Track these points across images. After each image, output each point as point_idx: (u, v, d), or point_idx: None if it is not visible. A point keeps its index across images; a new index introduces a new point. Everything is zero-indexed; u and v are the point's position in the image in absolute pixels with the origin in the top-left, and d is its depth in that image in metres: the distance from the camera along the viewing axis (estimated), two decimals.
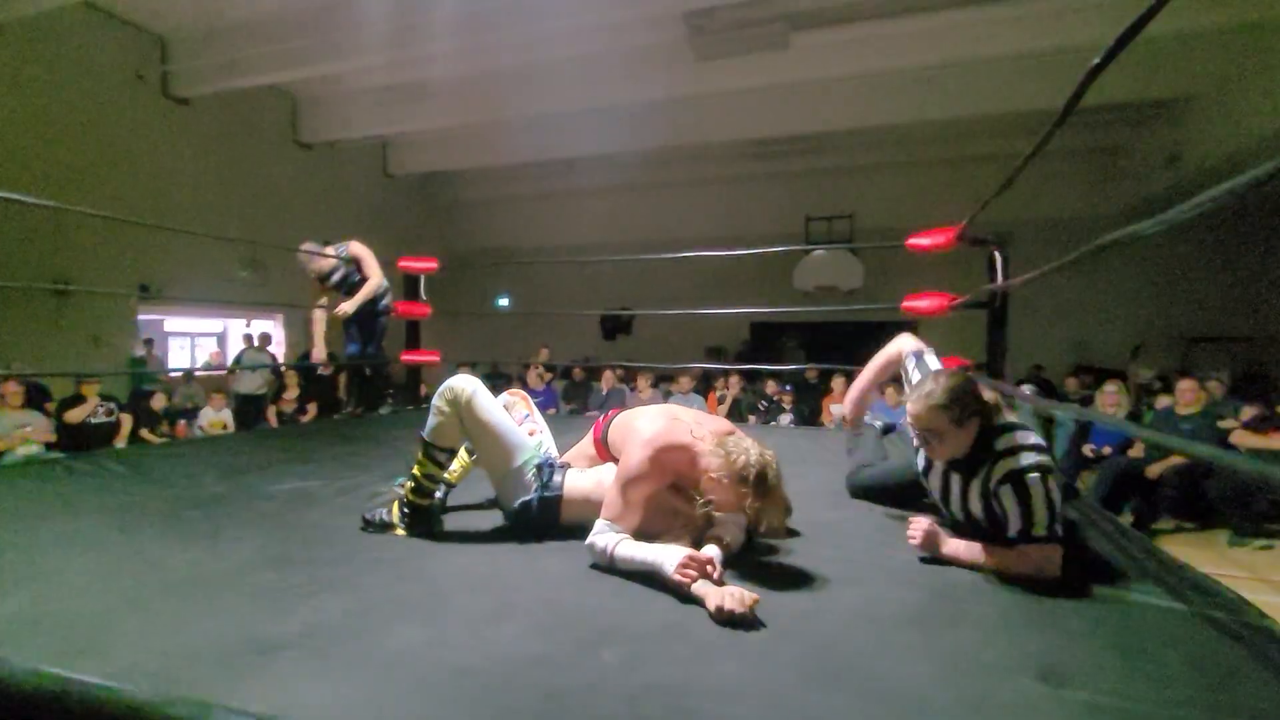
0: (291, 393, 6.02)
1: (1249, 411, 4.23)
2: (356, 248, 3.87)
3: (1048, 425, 4.99)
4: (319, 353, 3.95)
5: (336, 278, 3.93)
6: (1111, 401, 4.93)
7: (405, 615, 1.24)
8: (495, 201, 12.04)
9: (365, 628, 1.19)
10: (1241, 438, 4.08)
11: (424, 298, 4.45)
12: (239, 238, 7.19)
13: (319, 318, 3.94)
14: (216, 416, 5.82)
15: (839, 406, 5.84)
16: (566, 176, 10.80)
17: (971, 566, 1.48)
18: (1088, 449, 4.78)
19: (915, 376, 1.82)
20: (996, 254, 3.26)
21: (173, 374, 7.06)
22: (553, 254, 11.42)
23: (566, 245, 11.45)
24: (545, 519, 1.69)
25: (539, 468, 1.73)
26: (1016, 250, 3.26)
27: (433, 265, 4.17)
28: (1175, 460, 4.12)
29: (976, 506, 1.55)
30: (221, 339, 8.78)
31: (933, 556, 1.52)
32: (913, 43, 6.04)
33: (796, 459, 2.53)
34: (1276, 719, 0.91)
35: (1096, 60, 1.18)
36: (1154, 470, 4.16)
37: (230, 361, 7.41)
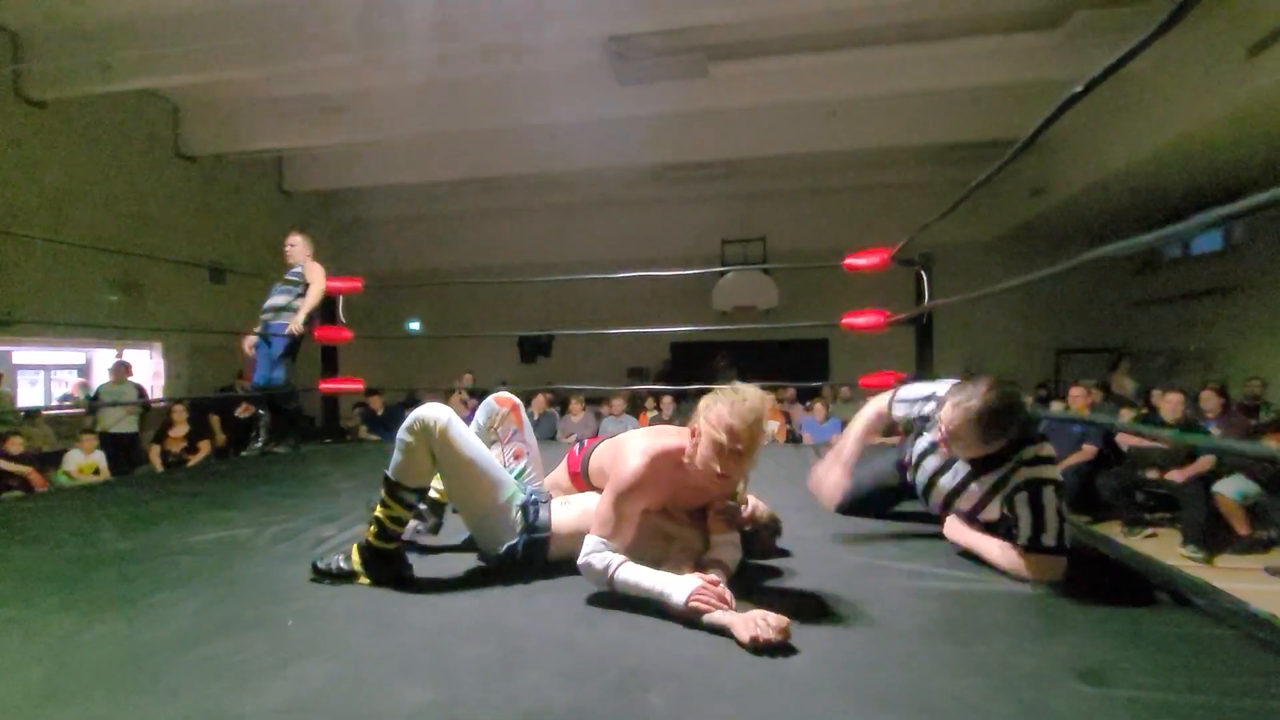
0: (179, 430, 5.36)
1: (1126, 414, 4.74)
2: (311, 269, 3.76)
3: None
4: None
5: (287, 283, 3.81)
6: None
7: (405, 674, 1.09)
8: (401, 221, 11.53)
9: (362, 693, 1.03)
10: (1124, 437, 4.57)
11: (342, 320, 4.14)
12: (101, 246, 6.36)
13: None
14: (87, 460, 5.06)
15: (772, 423, 6.00)
16: (479, 197, 10.54)
17: (978, 559, 1.57)
18: None
19: (925, 409, 1.83)
20: (923, 274, 3.48)
21: (25, 412, 6.10)
22: (464, 276, 11.07)
23: (479, 267, 11.14)
24: (532, 561, 1.57)
25: (524, 507, 1.60)
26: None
27: (357, 285, 3.88)
28: (1071, 461, 4.54)
29: (993, 508, 1.59)
30: (85, 371, 7.73)
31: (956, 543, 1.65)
32: (823, 77, 6.43)
33: (755, 478, 2.53)
34: None
35: (1079, 87, 1.27)
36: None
37: (89, 396, 6.51)
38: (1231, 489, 4.04)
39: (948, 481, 1.72)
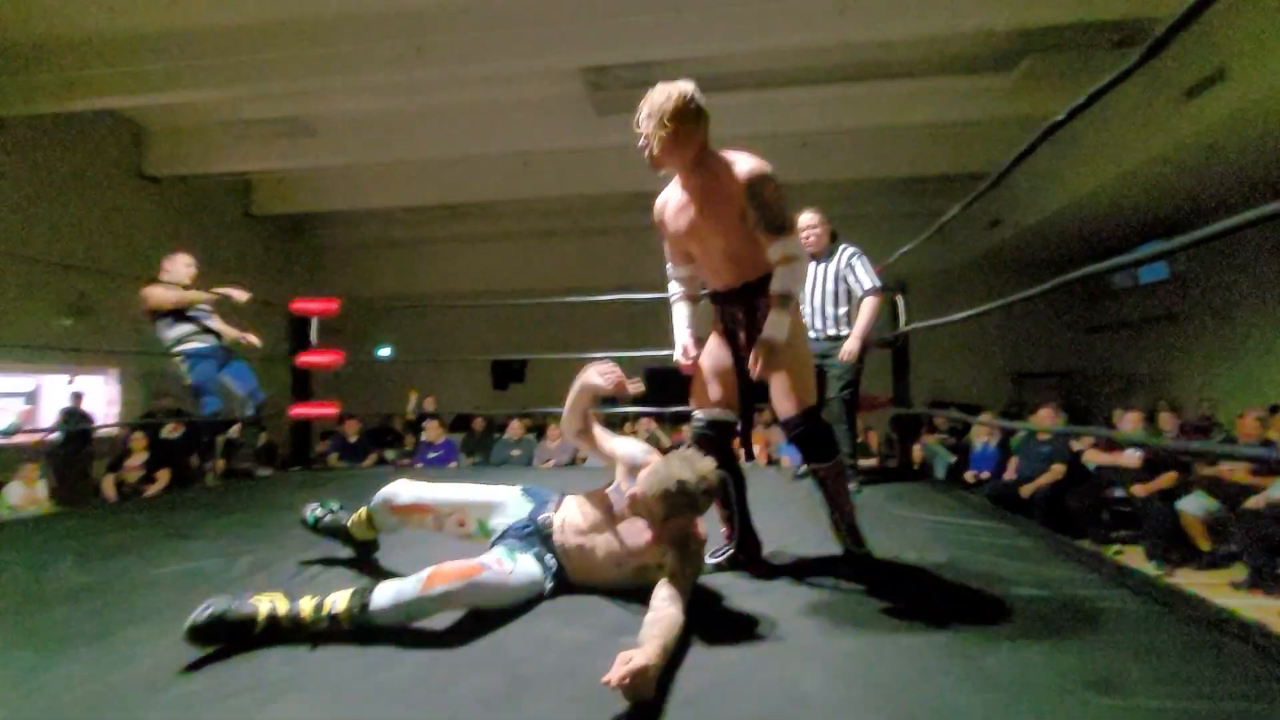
0: (136, 458, 5.09)
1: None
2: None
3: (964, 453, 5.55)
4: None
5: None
6: (987, 430, 5.49)
7: (404, 708, 1.04)
8: (372, 246, 11.39)
9: None
10: (1092, 455, 4.70)
11: (314, 342, 4.01)
12: (52, 260, 6.10)
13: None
14: (29, 492, 4.75)
15: (755, 446, 6.00)
16: (451, 222, 10.48)
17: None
18: (969, 475, 5.28)
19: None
20: (899, 300, 3.57)
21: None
22: (434, 302, 10.96)
23: (450, 292, 11.03)
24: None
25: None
26: None
27: (332, 306, 3.78)
28: (1041, 482, 4.65)
29: (829, 283, 2.83)
30: (34, 398, 7.33)
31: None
32: (795, 111, 6.66)
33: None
34: None
35: (1061, 115, 1.32)
36: (1026, 490, 4.66)
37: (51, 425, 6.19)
38: (1194, 506, 4.17)
39: (820, 283, 2.88)
